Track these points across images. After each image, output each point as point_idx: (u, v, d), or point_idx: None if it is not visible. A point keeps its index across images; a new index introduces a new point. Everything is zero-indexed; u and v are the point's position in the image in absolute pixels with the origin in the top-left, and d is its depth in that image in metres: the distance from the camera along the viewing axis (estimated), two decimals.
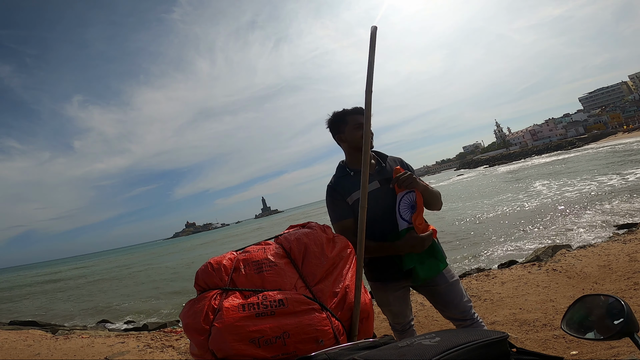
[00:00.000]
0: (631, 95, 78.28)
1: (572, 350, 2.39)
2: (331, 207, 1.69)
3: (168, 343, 4.56)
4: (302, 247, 1.18)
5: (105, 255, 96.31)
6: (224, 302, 1.01)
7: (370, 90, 1.23)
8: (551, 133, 76.12)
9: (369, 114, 1.26)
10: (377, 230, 1.62)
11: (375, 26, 1.22)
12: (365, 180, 1.25)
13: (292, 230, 1.34)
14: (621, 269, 3.57)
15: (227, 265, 1.13)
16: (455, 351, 0.53)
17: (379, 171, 1.69)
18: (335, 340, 1.00)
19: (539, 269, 4.19)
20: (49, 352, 4.64)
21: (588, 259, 4.13)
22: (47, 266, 76.95)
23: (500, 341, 0.57)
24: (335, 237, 1.29)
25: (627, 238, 4.78)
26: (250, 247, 1.22)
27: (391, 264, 1.65)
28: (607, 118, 71.05)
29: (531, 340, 2.64)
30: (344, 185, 1.68)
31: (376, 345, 0.67)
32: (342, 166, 1.75)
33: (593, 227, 7.56)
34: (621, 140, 43.17)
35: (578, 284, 3.49)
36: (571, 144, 60.00)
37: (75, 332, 5.86)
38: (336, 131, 1.74)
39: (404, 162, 1.81)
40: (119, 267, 29.85)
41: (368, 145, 1.26)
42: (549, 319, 2.88)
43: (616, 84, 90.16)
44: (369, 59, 1.22)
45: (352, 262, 1.24)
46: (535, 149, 67.25)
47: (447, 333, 0.60)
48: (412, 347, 0.57)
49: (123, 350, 4.36)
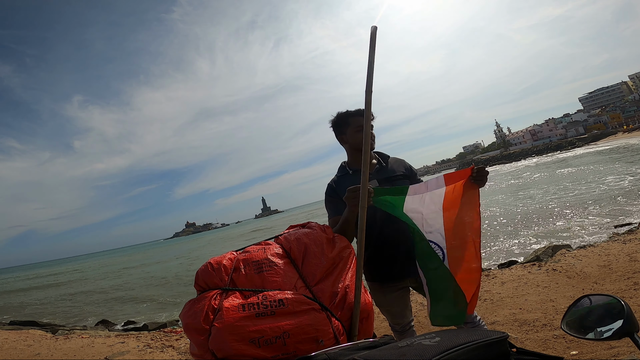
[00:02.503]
0: (631, 95, 78.25)
1: (572, 350, 2.39)
2: (328, 205, 1.74)
3: (168, 343, 4.56)
4: (302, 247, 1.18)
5: (105, 255, 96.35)
6: (224, 302, 1.01)
7: (370, 90, 1.23)
8: (551, 133, 76.08)
9: (368, 114, 1.26)
10: (375, 230, 1.62)
11: (375, 26, 1.22)
12: (365, 180, 1.25)
13: (292, 230, 1.34)
14: (621, 269, 3.57)
15: (227, 265, 1.13)
16: (455, 351, 0.53)
17: (379, 170, 1.72)
18: (335, 340, 1.00)
19: (539, 269, 4.19)
20: (49, 352, 4.64)
21: (588, 259, 4.13)
22: (47, 266, 76.96)
23: (500, 341, 0.57)
24: (335, 237, 1.29)
25: (627, 238, 4.78)
26: (251, 247, 1.23)
27: (390, 264, 1.65)
28: (607, 118, 71.02)
29: (531, 340, 2.64)
30: (342, 184, 1.69)
31: (376, 345, 0.66)
32: (343, 166, 1.79)
33: (593, 227, 7.56)
34: (622, 140, 43.12)
35: (578, 284, 3.49)
36: (571, 144, 60.02)
37: (75, 332, 5.86)
38: (339, 132, 1.77)
39: (406, 162, 1.82)
40: (119, 267, 29.82)
41: (368, 145, 1.26)
42: (549, 319, 2.88)
43: (616, 84, 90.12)
44: (369, 59, 1.22)
45: (352, 262, 1.24)
46: (535, 149, 67.24)
47: (447, 333, 0.60)
48: (412, 347, 0.57)
49: (123, 350, 4.35)
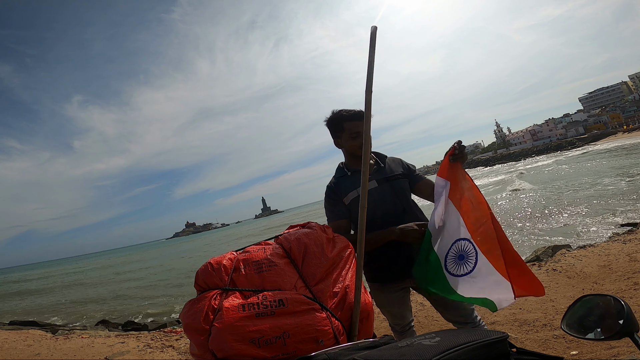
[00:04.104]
0: (631, 95, 78.24)
1: (572, 350, 2.39)
2: (328, 208, 1.71)
3: (168, 343, 4.56)
4: (302, 247, 1.18)
5: (105, 256, 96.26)
6: (224, 302, 1.01)
7: (370, 90, 1.23)
8: (551, 133, 76.07)
9: (369, 114, 1.26)
10: (376, 230, 1.62)
11: (375, 26, 1.22)
12: (365, 180, 1.25)
13: (292, 230, 1.34)
14: (621, 269, 3.57)
15: (227, 265, 1.13)
16: (455, 351, 0.53)
17: (377, 170, 1.71)
18: (335, 340, 1.00)
19: (539, 269, 4.18)
20: (49, 352, 4.64)
21: (588, 259, 4.13)
22: (47, 266, 76.90)
23: (500, 341, 0.57)
24: (335, 237, 1.29)
25: (627, 238, 4.78)
26: (250, 247, 1.22)
27: (391, 265, 1.65)
28: (607, 118, 71.01)
29: (531, 340, 2.64)
30: (341, 185, 1.69)
31: (376, 345, 0.66)
32: (341, 167, 1.77)
33: (593, 227, 7.56)
34: (621, 140, 43.13)
35: (578, 284, 3.48)
36: (571, 144, 60.03)
37: (75, 332, 5.86)
38: (334, 135, 1.75)
39: (404, 162, 1.81)
40: (119, 268, 29.82)
41: (368, 145, 1.26)
42: (549, 319, 2.88)
43: (616, 84, 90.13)
44: (369, 59, 1.22)
45: (352, 262, 1.24)
46: (535, 149, 67.26)
47: (447, 333, 0.60)
48: (412, 347, 0.57)
49: (123, 350, 4.35)
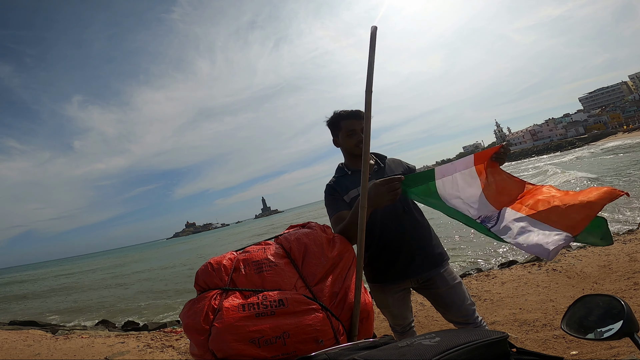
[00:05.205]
0: (631, 95, 78.26)
1: (572, 350, 2.39)
2: (328, 203, 1.71)
3: (168, 343, 4.56)
4: (302, 247, 1.18)
5: (105, 255, 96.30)
6: (224, 302, 1.01)
7: (370, 91, 1.23)
8: (551, 133, 76.07)
9: (369, 114, 1.26)
10: (376, 231, 1.62)
11: (375, 26, 1.22)
12: (365, 180, 1.25)
13: (292, 230, 1.34)
14: (621, 269, 3.57)
15: (227, 265, 1.13)
16: (455, 351, 0.53)
17: (377, 171, 1.71)
18: (335, 340, 1.00)
19: (539, 269, 4.19)
20: (49, 352, 4.64)
21: (588, 259, 4.13)
22: (47, 266, 76.89)
23: (500, 341, 0.57)
24: (335, 237, 1.29)
25: (627, 238, 4.78)
26: (250, 247, 1.22)
27: (392, 266, 1.65)
28: (607, 118, 71.02)
29: (531, 340, 2.64)
30: (342, 184, 1.70)
31: (376, 345, 0.66)
32: (341, 167, 1.79)
33: None
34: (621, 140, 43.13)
35: (578, 284, 3.49)
36: (571, 144, 60.05)
37: (75, 332, 5.86)
38: (333, 134, 1.77)
39: (404, 162, 1.82)
40: (119, 268, 29.82)
41: (368, 145, 1.25)
42: (549, 319, 2.88)
43: (616, 84, 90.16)
44: (369, 59, 1.22)
45: (352, 262, 1.24)
46: (536, 149, 67.28)
47: (447, 333, 0.60)
48: (412, 347, 0.57)
49: (123, 350, 4.35)
